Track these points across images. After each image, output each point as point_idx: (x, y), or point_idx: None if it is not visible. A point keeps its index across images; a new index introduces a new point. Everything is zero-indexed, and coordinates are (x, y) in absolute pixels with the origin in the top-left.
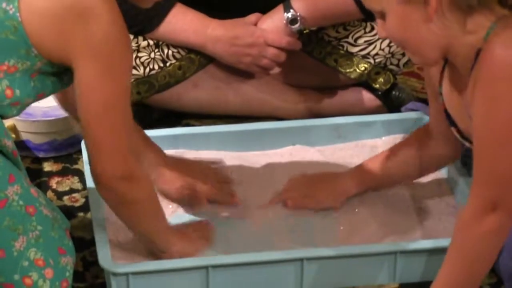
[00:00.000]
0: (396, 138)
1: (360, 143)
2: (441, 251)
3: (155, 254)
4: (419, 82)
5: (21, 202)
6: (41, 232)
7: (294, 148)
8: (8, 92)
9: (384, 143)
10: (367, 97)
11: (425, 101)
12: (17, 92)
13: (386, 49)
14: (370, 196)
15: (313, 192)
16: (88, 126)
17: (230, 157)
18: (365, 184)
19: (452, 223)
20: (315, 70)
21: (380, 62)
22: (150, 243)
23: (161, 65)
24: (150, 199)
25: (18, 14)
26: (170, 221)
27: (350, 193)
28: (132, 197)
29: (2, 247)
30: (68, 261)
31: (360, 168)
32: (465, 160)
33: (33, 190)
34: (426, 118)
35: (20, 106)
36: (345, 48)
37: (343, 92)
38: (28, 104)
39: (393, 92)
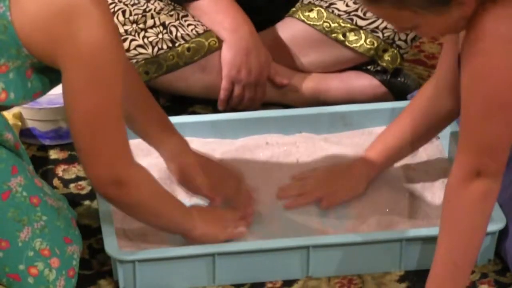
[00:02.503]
0: None
1: (367, 130)
2: None
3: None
4: (426, 70)
5: (24, 193)
6: (46, 222)
7: (301, 136)
8: (3, 95)
9: None
10: (373, 84)
11: None
12: (12, 95)
13: None
14: (376, 184)
15: (339, 187)
16: (73, 133)
17: (236, 145)
18: (382, 164)
19: None
20: (321, 47)
21: (388, 36)
22: (170, 232)
23: (170, 45)
24: (148, 200)
25: (8, 13)
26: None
27: (370, 177)
28: (125, 202)
29: (7, 238)
30: (75, 250)
31: (372, 151)
32: None
33: (37, 181)
34: None
35: (13, 106)
36: (354, 22)
37: (348, 79)
38: (23, 104)
39: (399, 78)
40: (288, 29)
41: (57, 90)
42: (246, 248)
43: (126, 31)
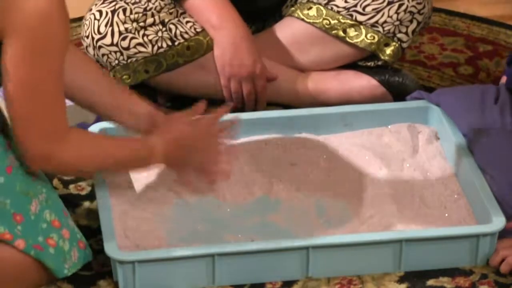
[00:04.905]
0: (402, 126)
1: (367, 131)
2: (446, 239)
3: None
4: (425, 71)
5: (24, 167)
6: (47, 194)
7: (301, 136)
8: None
9: (390, 131)
10: (372, 84)
11: (430, 90)
12: None
13: (394, 16)
14: (376, 185)
15: None
16: (9, 100)
17: (236, 146)
18: None
19: (456, 211)
20: (322, 44)
21: (389, 30)
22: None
23: (170, 43)
24: (90, 161)
25: None
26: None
27: None
28: (62, 170)
29: (20, 211)
30: (73, 224)
31: None
32: (471, 149)
33: None
34: (431, 107)
35: None
36: (354, 17)
37: (347, 79)
38: None
39: (397, 79)
40: (288, 28)
41: None
42: (246, 249)
43: (126, 29)
